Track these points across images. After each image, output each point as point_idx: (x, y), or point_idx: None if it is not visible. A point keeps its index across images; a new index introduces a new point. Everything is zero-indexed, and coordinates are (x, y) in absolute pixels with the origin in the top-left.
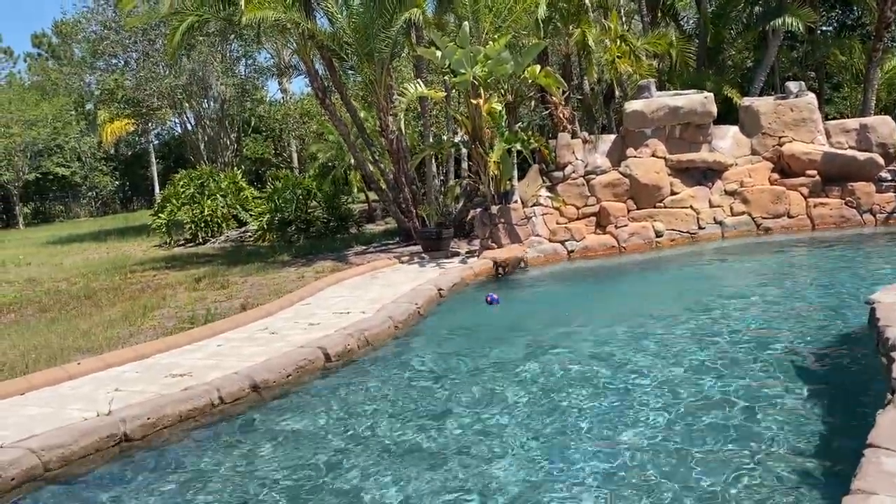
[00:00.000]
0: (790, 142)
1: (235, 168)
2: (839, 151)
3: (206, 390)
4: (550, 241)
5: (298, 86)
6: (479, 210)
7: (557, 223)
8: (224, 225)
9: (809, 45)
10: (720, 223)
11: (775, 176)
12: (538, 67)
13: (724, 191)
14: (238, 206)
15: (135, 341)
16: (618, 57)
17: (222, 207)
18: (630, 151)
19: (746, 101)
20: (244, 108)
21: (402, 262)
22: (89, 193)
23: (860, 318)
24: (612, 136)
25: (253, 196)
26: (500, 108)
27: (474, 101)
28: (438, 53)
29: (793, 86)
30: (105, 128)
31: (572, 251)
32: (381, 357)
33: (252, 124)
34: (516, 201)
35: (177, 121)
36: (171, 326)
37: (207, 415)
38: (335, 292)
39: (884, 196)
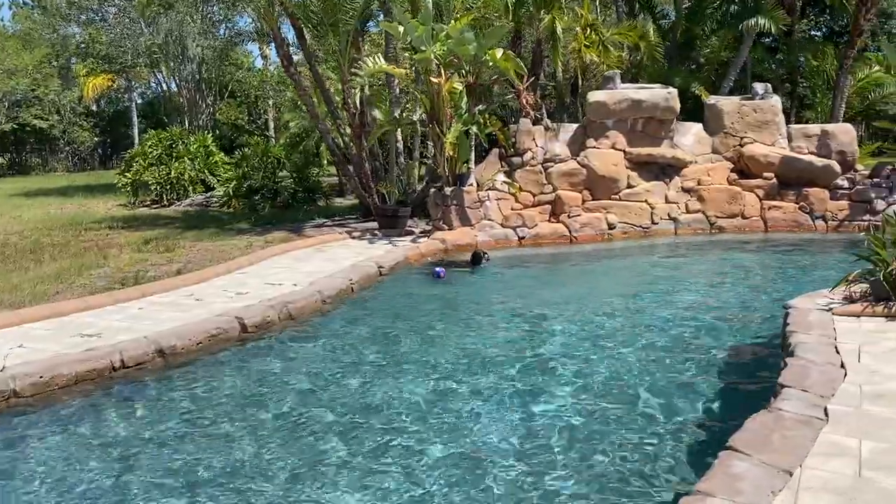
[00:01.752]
0: (751, 143)
1: (207, 132)
2: (798, 156)
3: (107, 352)
4: (503, 226)
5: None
6: (432, 190)
7: (512, 209)
8: (191, 188)
9: (785, 47)
10: (674, 219)
11: (734, 176)
12: (500, 51)
13: (682, 187)
14: (206, 171)
15: (60, 298)
16: (585, 46)
17: (190, 171)
18: (590, 142)
19: (712, 99)
20: (222, 72)
21: (353, 238)
22: (66, 148)
23: None
24: (575, 126)
25: (223, 161)
26: (460, 88)
27: (433, 80)
28: (401, 29)
29: (759, 87)
30: (86, 83)
31: (523, 238)
32: (300, 331)
33: (230, 88)
34: (471, 184)
35: (156, 80)
36: (102, 286)
37: (106, 377)
38: (276, 263)
39: (837, 203)
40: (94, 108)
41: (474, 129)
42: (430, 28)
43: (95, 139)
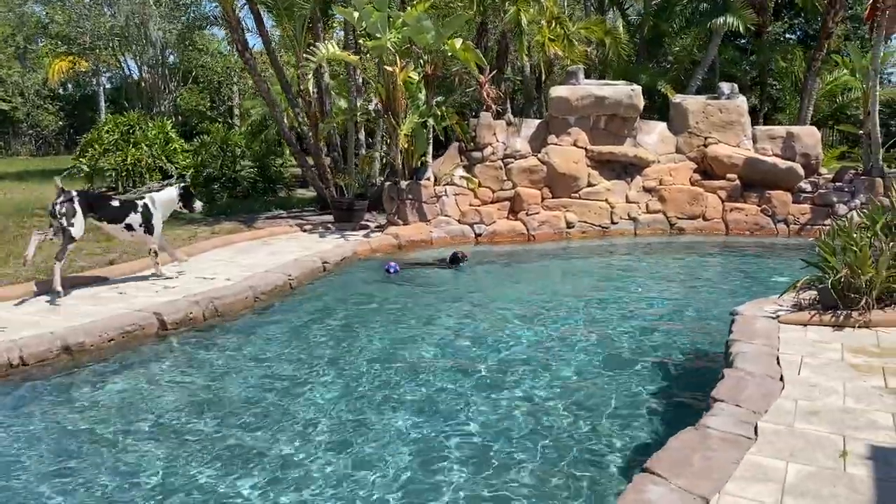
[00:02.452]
0: (715, 143)
1: (167, 118)
2: (762, 158)
3: (6, 348)
4: (460, 222)
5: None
6: (387, 184)
7: (470, 205)
8: (148, 176)
9: (756, 48)
10: (634, 219)
11: (697, 177)
12: (459, 41)
13: (643, 187)
14: (164, 158)
15: None
16: (550, 39)
17: (148, 157)
18: (552, 138)
19: (678, 97)
20: (188, 58)
21: (304, 231)
22: (30, 132)
23: None
24: (537, 122)
25: (182, 148)
26: (416, 78)
27: (388, 69)
28: (356, 15)
29: (725, 87)
30: (52, 65)
31: (480, 235)
32: (224, 329)
33: (193, 74)
34: (428, 178)
35: (120, 65)
36: (25, 276)
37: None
38: (216, 255)
39: (800, 207)
40: (60, 91)
41: (431, 121)
42: (385, 14)
43: (60, 123)
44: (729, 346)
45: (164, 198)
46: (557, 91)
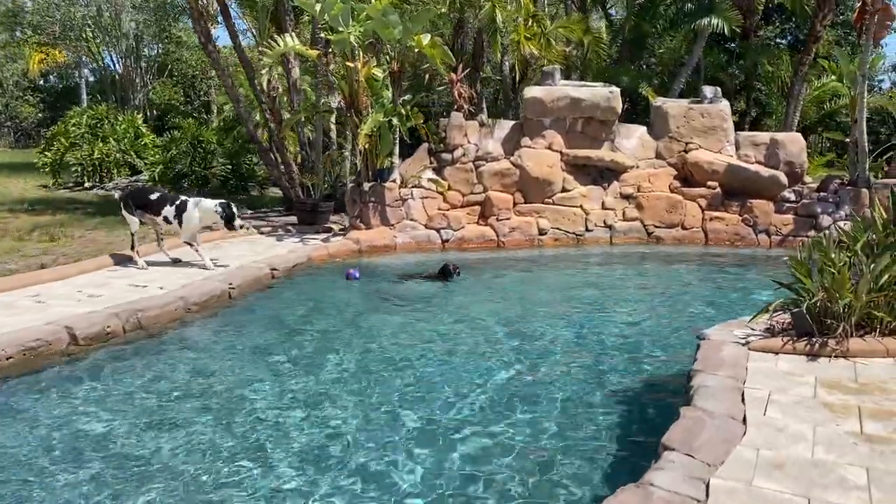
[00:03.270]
0: (696, 149)
1: (137, 112)
2: (744, 165)
3: None
4: (426, 227)
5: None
6: (350, 185)
7: (439, 209)
8: (116, 172)
9: (742, 50)
10: (609, 227)
11: (676, 184)
12: (427, 36)
13: (620, 193)
14: (133, 153)
15: None
16: (526, 38)
17: (116, 152)
18: (525, 141)
19: (658, 101)
20: (166, 50)
21: (262, 233)
22: (8, 123)
23: None
24: (511, 123)
25: (153, 143)
26: (380, 75)
27: (350, 64)
28: (318, 7)
29: (708, 90)
30: (32, 56)
31: (447, 241)
32: (137, 350)
33: (169, 67)
34: (394, 180)
35: (90, 55)
36: None
37: None
38: (159, 259)
39: (782, 217)
40: (41, 83)
41: (395, 120)
42: (349, 7)
43: (40, 115)
44: (691, 377)
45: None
46: (532, 92)
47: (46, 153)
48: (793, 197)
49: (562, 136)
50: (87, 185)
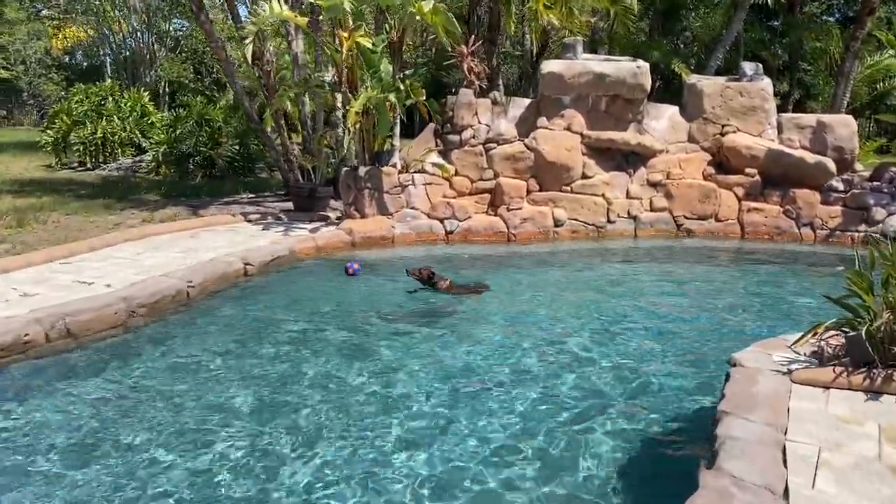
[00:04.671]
0: (734, 132)
1: (145, 90)
2: (787, 150)
3: None
4: (429, 216)
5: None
6: (344, 170)
7: (444, 196)
8: (120, 151)
9: (786, 27)
10: (634, 218)
11: (711, 170)
12: (429, 2)
13: (647, 181)
14: (138, 132)
15: None
16: (545, 6)
17: (121, 131)
18: (542, 121)
19: (692, 78)
20: (170, 25)
21: (249, 221)
22: (30, 102)
23: None
24: (528, 101)
25: (160, 122)
26: (370, 45)
27: (341, 33)
28: None
29: (748, 66)
30: (55, 34)
31: (452, 232)
32: (58, 363)
33: (180, 42)
34: (394, 164)
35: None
36: None
37: None
38: (121, 251)
39: (829, 209)
40: (66, 60)
41: (392, 96)
42: None
43: (63, 94)
44: (717, 420)
45: None
46: (550, 66)
47: (49, 131)
48: (841, 186)
49: (583, 116)
50: (88, 165)
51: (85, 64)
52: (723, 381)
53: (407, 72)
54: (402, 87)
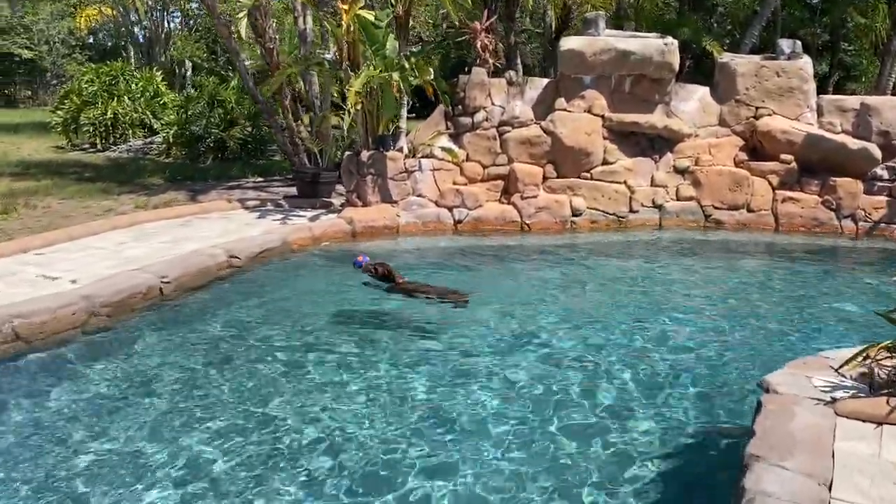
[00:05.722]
0: (769, 115)
1: (156, 69)
2: (827, 135)
3: None
4: (437, 204)
5: None
6: (346, 154)
7: (454, 183)
8: (131, 132)
9: (828, 5)
10: (659, 207)
11: (743, 156)
12: None
13: (674, 167)
14: (149, 113)
15: None
16: None
17: (132, 111)
18: (560, 102)
19: (725, 57)
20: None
21: (247, 208)
22: (54, 82)
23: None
24: (546, 81)
25: (173, 102)
26: (373, 19)
27: (341, 6)
28: None
29: (785, 44)
30: (79, 12)
31: (461, 221)
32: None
33: (195, 21)
34: (400, 149)
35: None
36: None
37: None
38: (106, 240)
39: (873, 199)
40: (90, 40)
41: (395, 75)
42: None
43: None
44: (745, 469)
45: None
46: (569, 42)
47: (59, 112)
48: (887, 175)
49: (605, 97)
50: (99, 146)
51: (109, 44)
52: (753, 412)
53: (414, 49)
54: (406, 65)
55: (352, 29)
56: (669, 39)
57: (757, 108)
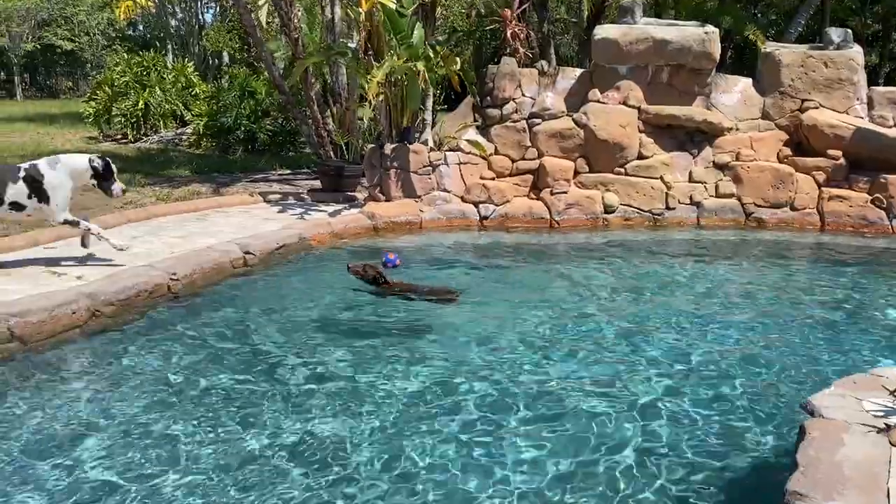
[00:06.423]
0: (815, 108)
1: (189, 60)
2: (879, 129)
3: None
4: (463, 200)
5: None
6: (369, 147)
7: (481, 178)
8: (162, 123)
9: None
10: (697, 204)
11: (787, 151)
12: None
13: (713, 162)
14: (180, 104)
15: None
16: None
17: (163, 102)
18: (594, 94)
19: (769, 46)
20: None
21: (268, 202)
22: (93, 73)
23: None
24: (579, 72)
25: (205, 94)
26: (394, 5)
27: None
28: None
29: (834, 33)
30: (118, 4)
31: (487, 217)
32: None
33: (231, 12)
34: (424, 141)
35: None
36: None
37: None
38: (120, 233)
39: None
40: (129, 32)
41: (420, 65)
42: None
43: None
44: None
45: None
46: (604, 31)
47: (91, 103)
48: None
49: (641, 88)
50: (130, 137)
51: (148, 35)
52: (795, 440)
53: (439, 38)
54: (431, 54)
55: (374, 16)
56: (710, 28)
57: (803, 100)
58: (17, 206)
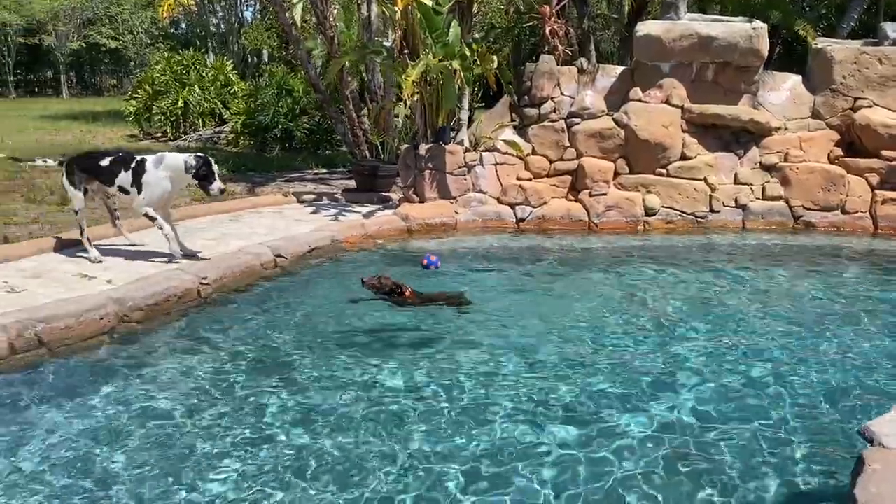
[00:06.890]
0: (869, 106)
1: (229, 59)
2: None
3: None
4: (499, 201)
5: None
6: (404, 147)
7: (518, 178)
8: (201, 122)
9: None
10: (743, 207)
11: (838, 152)
12: None
13: (760, 163)
14: (219, 102)
15: None
16: None
17: (202, 100)
18: (635, 93)
19: (821, 42)
20: None
21: (302, 202)
22: (136, 71)
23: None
24: (620, 69)
25: (243, 92)
26: (443, 7)
27: None
28: None
29: (890, 28)
30: (161, 2)
31: (524, 219)
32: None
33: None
34: (460, 142)
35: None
36: None
37: None
38: (149, 237)
39: None
40: (172, 30)
41: (455, 63)
42: None
43: None
44: None
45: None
46: (646, 27)
47: (132, 101)
48: None
49: (685, 86)
50: (170, 135)
51: (189, 33)
52: (851, 475)
53: (475, 36)
54: (468, 52)
55: (409, 14)
56: (758, 23)
57: (855, 98)
58: (123, 191)
